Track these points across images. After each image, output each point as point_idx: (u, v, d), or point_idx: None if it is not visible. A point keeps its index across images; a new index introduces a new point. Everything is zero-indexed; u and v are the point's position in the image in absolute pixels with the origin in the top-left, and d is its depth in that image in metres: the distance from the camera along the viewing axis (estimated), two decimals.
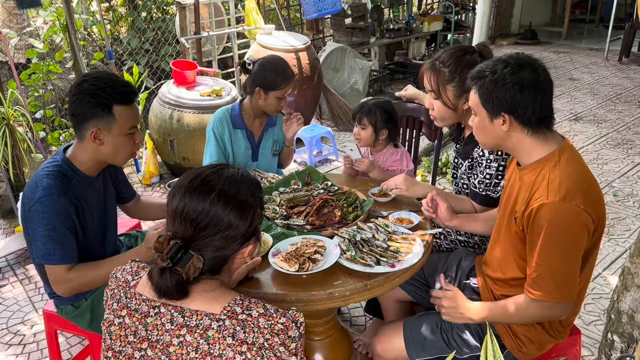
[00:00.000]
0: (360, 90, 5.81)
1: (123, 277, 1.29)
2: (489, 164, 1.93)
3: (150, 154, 4.25)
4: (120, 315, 1.24)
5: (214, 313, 1.17)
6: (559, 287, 1.51)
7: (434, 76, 1.96)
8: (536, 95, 1.51)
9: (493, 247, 1.77)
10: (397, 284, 1.70)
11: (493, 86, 1.53)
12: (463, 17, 8.26)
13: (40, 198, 1.69)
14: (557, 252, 1.48)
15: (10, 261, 3.32)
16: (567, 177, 1.50)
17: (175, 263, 1.16)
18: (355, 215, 1.97)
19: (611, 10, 7.97)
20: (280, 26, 5.65)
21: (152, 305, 1.21)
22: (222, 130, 2.49)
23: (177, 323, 1.18)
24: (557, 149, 1.56)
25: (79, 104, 1.72)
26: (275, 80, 2.38)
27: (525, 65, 1.52)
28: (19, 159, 3.48)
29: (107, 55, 4.08)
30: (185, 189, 1.23)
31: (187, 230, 1.20)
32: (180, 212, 1.21)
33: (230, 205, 1.21)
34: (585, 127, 5.44)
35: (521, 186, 1.60)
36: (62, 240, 1.71)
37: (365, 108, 2.41)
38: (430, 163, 4.25)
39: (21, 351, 2.62)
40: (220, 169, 1.27)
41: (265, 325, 1.15)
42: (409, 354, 1.79)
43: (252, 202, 1.25)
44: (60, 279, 1.75)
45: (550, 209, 1.47)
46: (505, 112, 1.53)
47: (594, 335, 2.62)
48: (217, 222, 1.20)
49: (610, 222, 3.65)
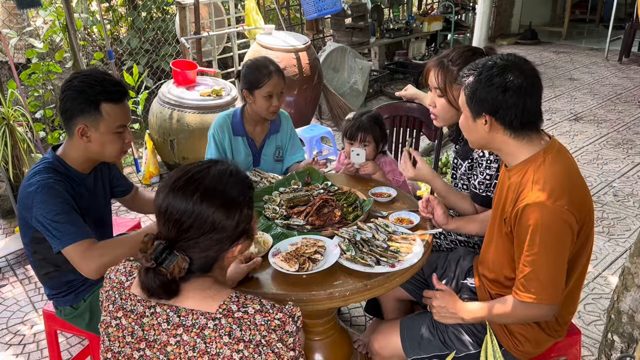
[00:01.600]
0: (360, 90, 5.81)
1: (117, 278, 1.27)
2: (489, 164, 1.92)
3: (150, 154, 4.25)
4: (116, 317, 1.23)
5: (210, 312, 1.16)
6: (544, 287, 1.50)
7: (441, 73, 1.94)
8: (519, 99, 1.49)
9: (487, 247, 1.77)
10: (397, 284, 1.70)
11: (477, 86, 1.52)
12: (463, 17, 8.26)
13: (36, 191, 1.68)
14: (542, 253, 1.48)
15: (10, 261, 3.32)
16: (551, 177, 1.50)
17: (159, 263, 1.15)
18: (355, 215, 1.97)
19: (611, 10, 7.97)
20: (280, 26, 5.65)
21: (148, 305, 1.20)
22: (222, 136, 2.47)
23: (173, 322, 1.17)
24: (542, 149, 1.55)
25: (68, 100, 1.72)
26: (256, 78, 2.33)
27: (513, 68, 1.50)
28: (19, 159, 3.48)
29: (107, 55, 4.08)
30: (169, 187, 1.20)
31: (170, 231, 1.18)
32: (164, 211, 1.19)
33: (214, 205, 1.18)
34: (585, 127, 5.44)
35: (509, 187, 1.60)
36: (69, 219, 1.67)
37: (365, 125, 2.34)
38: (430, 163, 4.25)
39: (21, 351, 2.62)
40: (208, 167, 1.23)
41: (262, 322, 1.14)
42: (406, 352, 1.79)
43: (239, 201, 1.22)
44: (84, 257, 1.65)
45: (534, 209, 1.47)
46: (486, 112, 1.53)
47: (594, 335, 2.62)
48: (200, 223, 1.17)
49: (610, 222, 3.65)
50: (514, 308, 1.57)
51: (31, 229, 1.76)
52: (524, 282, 1.52)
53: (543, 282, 1.50)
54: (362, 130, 2.33)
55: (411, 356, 1.79)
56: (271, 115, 2.43)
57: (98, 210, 1.95)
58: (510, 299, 1.59)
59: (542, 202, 1.46)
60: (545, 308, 1.54)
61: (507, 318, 1.62)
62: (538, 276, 1.50)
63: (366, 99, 6.10)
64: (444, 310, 1.69)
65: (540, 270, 1.49)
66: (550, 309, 1.55)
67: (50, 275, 1.88)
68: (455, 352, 1.74)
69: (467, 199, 2.04)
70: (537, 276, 1.50)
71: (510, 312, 1.58)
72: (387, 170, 2.42)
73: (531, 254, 1.49)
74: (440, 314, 1.71)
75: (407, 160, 2.00)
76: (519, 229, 1.52)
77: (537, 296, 1.51)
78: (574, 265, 1.61)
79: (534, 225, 1.47)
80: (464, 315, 1.67)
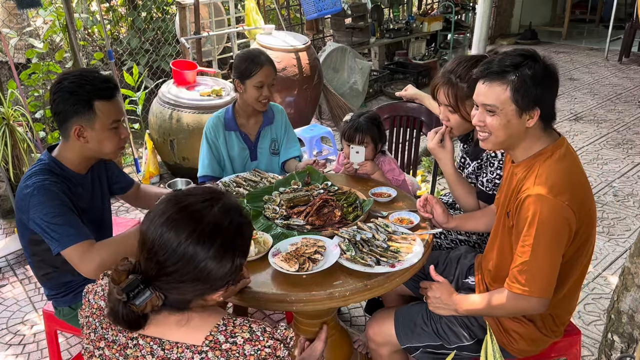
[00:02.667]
0: (360, 90, 5.81)
1: (96, 303, 1.20)
2: (500, 164, 1.92)
3: (150, 154, 4.25)
4: (99, 347, 1.17)
5: (196, 344, 1.09)
6: (534, 279, 1.51)
7: (451, 91, 1.91)
8: (556, 90, 1.56)
9: (492, 245, 1.78)
10: (397, 284, 1.70)
11: (531, 81, 1.51)
12: (463, 17, 8.25)
13: (32, 193, 1.67)
14: (537, 245, 1.49)
15: (10, 261, 3.32)
16: (555, 172, 1.51)
17: (131, 298, 1.06)
18: (355, 215, 1.97)
19: (611, 10, 7.96)
20: (280, 26, 5.65)
21: (130, 337, 1.13)
22: (215, 135, 2.48)
23: (157, 355, 1.11)
24: (550, 145, 1.57)
25: (60, 102, 1.71)
26: (247, 68, 2.34)
27: (549, 61, 1.56)
28: (19, 159, 3.48)
29: (107, 55, 4.08)
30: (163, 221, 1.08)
31: (151, 268, 1.09)
32: (150, 246, 1.08)
33: (207, 252, 1.07)
34: (585, 127, 5.44)
35: (514, 182, 1.62)
36: (67, 220, 1.67)
37: (362, 126, 2.33)
38: (430, 163, 4.25)
39: (21, 351, 2.62)
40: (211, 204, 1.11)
41: (252, 351, 1.08)
42: (399, 339, 1.81)
43: (234, 249, 1.11)
44: (84, 258, 1.64)
45: (534, 201, 1.48)
46: (538, 106, 1.53)
47: (594, 335, 2.62)
48: (186, 270, 1.07)
49: (610, 222, 3.65)
50: (504, 300, 1.58)
51: (29, 231, 1.76)
52: (516, 273, 1.53)
53: (534, 274, 1.50)
54: (360, 132, 2.33)
55: (404, 344, 1.80)
56: (261, 106, 2.43)
57: (97, 210, 1.94)
58: (502, 292, 1.60)
59: (542, 195, 1.47)
60: (534, 301, 1.54)
61: (497, 310, 1.63)
62: (530, 267, 1.50)
63: (366, 99, 6.10)
64: (439, 301, 1.71)
65: (533, 261, 1.49)
66: (539, 302, 1.55)
67: (49, 276, 1.88)
68: (447, 342, 1.76)
69: (473, 194, 2.03)
70: (529, 267, 1.50)
71: (500, 304, 1.59)
72: (387, 169, 2.42)
73: (525, 245, 1.50)
74: (434, 305, 1.72)
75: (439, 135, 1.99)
76: (519, 220, 1.53)
77: (527, 288, 1.51)
78: (573, 266, 1.61)
79: (532, 216, 1.48)
80: (457, 307, 1.68)
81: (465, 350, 1.75)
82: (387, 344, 1.85)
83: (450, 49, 7.49)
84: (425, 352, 1.78)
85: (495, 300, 1.61)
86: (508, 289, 1.56)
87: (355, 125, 2.34)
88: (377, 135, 2.37)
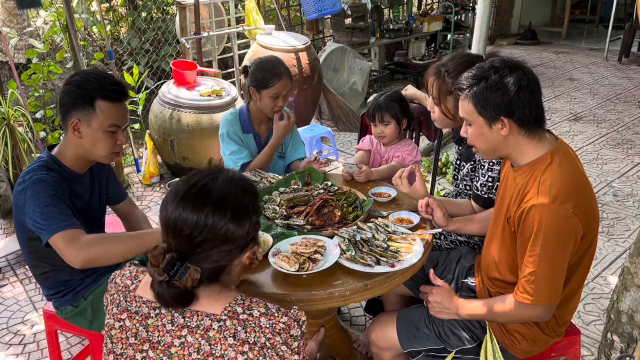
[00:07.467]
0: (359, 90, 5.81)
1: (122, 282, 1.28)
2: (491, 166, 1.93)
3: (150, 154, 4.25)
4: (120, 319, 1.23)
5: (215, 313, 1.16)
6: (542, 289, 1.51)
7: (437, 83, 1.96)
8: (531, 95, 1.51)
9: (488, 246, 1.77)
10: (397, 284, 1.70)
11: (488, 92, 1.51)
12: (463, 17, 8.26)
13: (27, 186, 1.67)
14: (543, 255, 1.48)
15: (11, 261, 3.32)
16: (559, 180, 1.50)
17: (172, 276, 1.14)
18: (355, 215, 1.97)
19: (611, 10, 7.97)
20: (280, 26, 5.65)
21: (153, 306, 1.21)
22: (235, 131, 2.46)
23: (177, 324, 1.17)
24: (549, 150, 1.56)
25: (66, 94, 1.73)
26: (265, 78, 2.34)
27: (515, 68, 1.52)
28: (19, 159, 3.48)
29: (107, 55, 4.09)
30: (178, 200, 1.18)
31: (182, 245, 1.17)
32: (174, 225, 1.17)
33: (226, 217, 1.17)
34: (585, 127, 5.44)
35: (514, 188, 1.60)
36: (58, 210, 1.64)
37: (381, 104, 2.41)
38: (430, 163, 4.26)
39: (21, 351, 2.62)
40: (215, 177, 1.22)
41: (267, 324, 1.14)
42: (402, 343, 1.81)
43: (248, 210, 1.22)
44: (70, 244, 1.59)
45: (539, 211, 1.47)
46: (504, 115, 1.52)
47: (593, 335, 2.62)
48: (213, 236, 1.17)
49: (610, 222, 3.65)
50: (510, 307, 1.57)
51: (26, 228, 1.76)
52: (524, 282, 1.53)
53: (542, 284, 1.50)
54: (379, 110, 2.42)
55: (407, 348, 1.80)
56: (272, 114, 2.45)
57: (94, 211, 1.94)
58: (507, 298, 1.59)
59: (547, 204, 1.46)
60: (541, 309, 1.54)
61: (502, 317, 1.63)
62: (537, 277, 1.50)
63: (366, 99, 6.11)
64: (440, 305, 1.70)
65: (540, 271, 1.49)
66: (546, 310, 1.55)
67: (46, 275, 1.88)
68: (449, 346, 1.76)
69: (465, 205, 2.05)
70: (537, 277, 1.50)
71: (505, 312, 1.59)
72: (405, 149, 2.48)
73: (533, 255, 1.49)
74: (435, 309, 1.72)
75: (405, 176, 2.00)
76: (523, 229, 1.52)
77: (534, 297, 1.51)
78: (576, 268, 1.61)
79: (538, 226, 1.47)
80: (459, 312, 1.68)
81: (467, 353, 1.75)
82: (390, 348, 1.85)
83: (450, 49, 7.49)
84: (428, 356, 1.78)
85: (500, 307, 1.60)
86: (515, 298, 1.55)
87: (376, 104, 2.43)
88: (399, 111, 2.41)
